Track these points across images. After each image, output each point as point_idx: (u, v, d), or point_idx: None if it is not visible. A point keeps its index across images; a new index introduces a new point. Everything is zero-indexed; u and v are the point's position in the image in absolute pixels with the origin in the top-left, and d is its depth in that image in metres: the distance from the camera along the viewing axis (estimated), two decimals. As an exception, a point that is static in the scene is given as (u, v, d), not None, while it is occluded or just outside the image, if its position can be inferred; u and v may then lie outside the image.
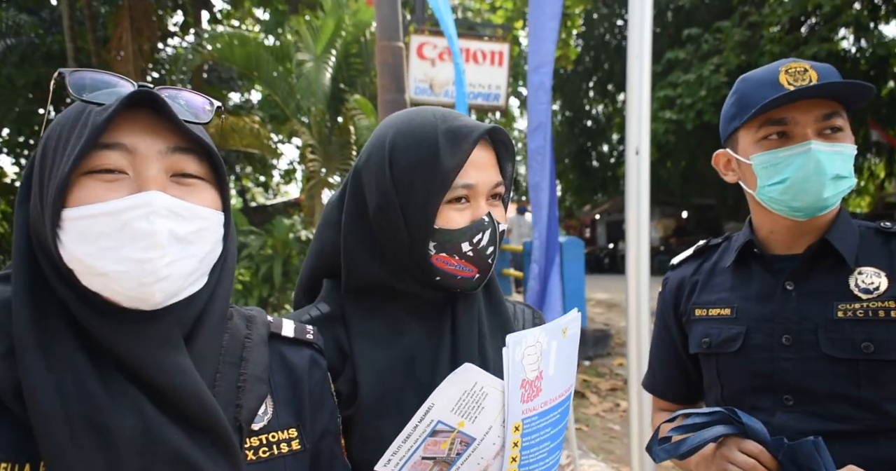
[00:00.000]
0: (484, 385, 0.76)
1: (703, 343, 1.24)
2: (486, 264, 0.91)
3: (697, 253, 1.38)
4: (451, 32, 3.80)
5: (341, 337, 0.93)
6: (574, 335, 0.85)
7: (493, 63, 7.18)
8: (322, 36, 7.09)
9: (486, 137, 0.91)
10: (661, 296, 1.40)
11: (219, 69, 12.89)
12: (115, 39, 9.46)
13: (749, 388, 1.17)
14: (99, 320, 0.63)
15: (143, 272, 0.61)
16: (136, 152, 0.64)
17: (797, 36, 12.60)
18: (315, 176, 7.48)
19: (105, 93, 0.65)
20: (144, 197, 0.62)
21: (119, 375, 0.62)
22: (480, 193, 0.90)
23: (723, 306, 1.24)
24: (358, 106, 6.75)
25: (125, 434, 0.59)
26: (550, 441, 0.84)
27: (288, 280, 7.47)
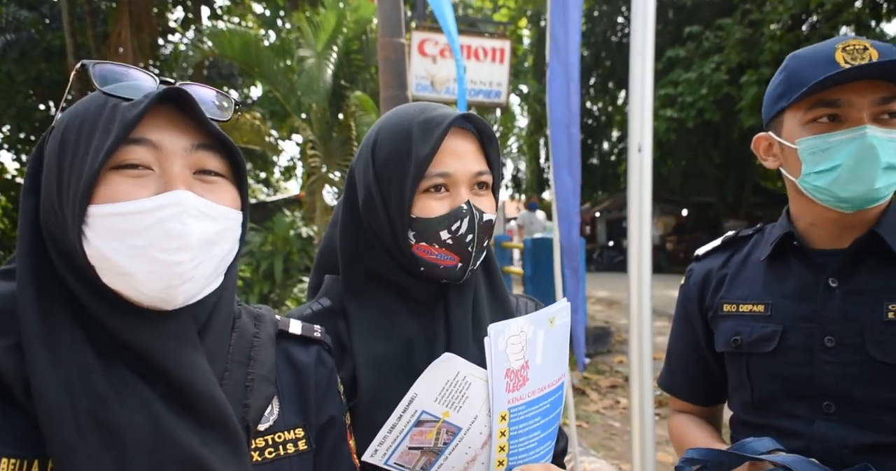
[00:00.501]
0: (467, 375, 0.76)
1: (733, 342, 1.15)
2: (466, 252, 0.90)
3: (726, 244, 1.28)
4: (450, 30, 3.80)
5: (342, 331, 0.95)
6: (563, 325, 0.84)
7: (495, 60, 7.17)
8: (323, 32, 7.08)
9: (465, 125, 0.91)
10: (684, 288, 1.31)
11: (219, 65, 12.86)
12: (114, 35, 9.45)
13: (784, 392, 1.08)
14: (115, 317, 0.62)
15: (171, 274, 0.61)
16: (161, 148, 0.63)
17: (798, 34, 12.58)
18: (316, 172, 7.47)
19: (126, 86, 0.64)
20: (175, 196, 0.61)
21: (128, 371, 0.61)
22: (459, 181, 0.90)
23: (755, 302, 1.14)
24: (359, 102, 6.74)
25: (133, 432, 0.59)
26: (541, 431, 0.83)
27: (288, 277, 7.47)
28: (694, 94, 12.55)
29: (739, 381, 1.16)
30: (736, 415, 1.21)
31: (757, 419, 1.13)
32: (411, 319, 0.94)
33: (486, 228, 0.92)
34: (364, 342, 0.92)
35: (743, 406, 1.17)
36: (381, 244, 0.94)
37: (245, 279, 6.90)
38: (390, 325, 0.93)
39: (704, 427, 1.26)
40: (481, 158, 0.93)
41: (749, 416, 1.15)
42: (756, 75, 11.78)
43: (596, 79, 21.05)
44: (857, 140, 0.99)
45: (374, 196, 0.92)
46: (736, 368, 1.17)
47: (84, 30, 10.75)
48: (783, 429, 1.07)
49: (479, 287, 0.99)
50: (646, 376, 1.92)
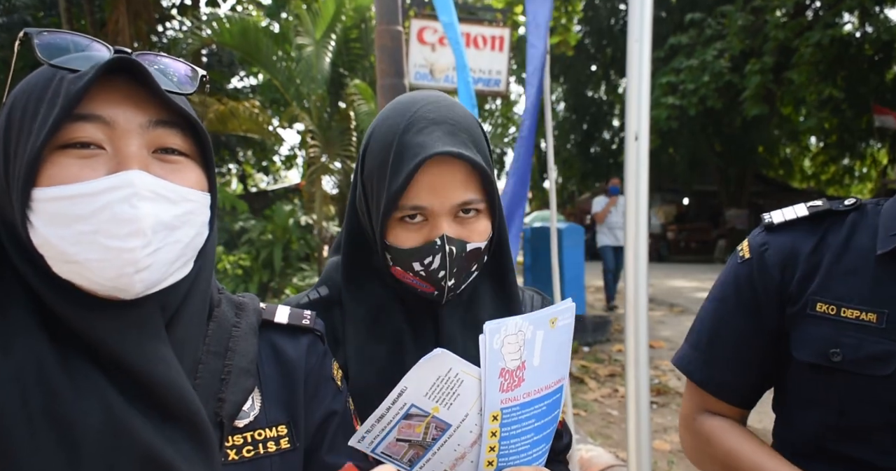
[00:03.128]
0: (459, 372, 0.74)
1: (832, 354, 0.91)
2: (440, 286, 0.86)
3: (816, 218, 0.99)
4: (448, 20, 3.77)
5: (337, 322, 0.93)
6: (566, 326, 0.80)
7: (494, 48, 7.11)
8: (322, 20, 7.02)
9: (450, 153, 0.81)
10: (749, 266, 1.01)
11: (219, 53, 12.78)
12: (111, 23, 9.36)
13: (888, 424, 0.88)
14: (71, 309, 0.57)
15: (123, 262, 0.56)
16: (114, 125, 0.57)
17: (802, 21, 12.46)
18: (316, 162, 7.45)
19: (78, 57, 0.59)
20: (126, 177, 0.56)
21: (88, 365, 0.57)
22: (437, 213, 0.84)
23: (866, 309, 0.90)
24: (358, 91, 6.70)
25: (89, 429, 0.55)
26: (534, 433, 0.81)
27: (288, 265, 7.48)
28: (696, 81, 12.45)
29: (822, 399, 0.94)
30: (806, 438, 0.98)
31: (843, 449, 0.92)
32: (404, 316, 0.93)
33: (470, 257, 0.87)
34: (356, 336, 0.90)
35: (823, 430, 0.95)
36: (369, 239, 0.93)
37: (245, 268, 6.91)
38: (384, 321, 0.91)
39: (762, 444, 1.02)
40: (469, 186, 0.85)
41: (830, 443, 0.94)
42: (759, 64, 11.69)
43: (597, 67, 20.91)
44: None
45: (362, 202, 0.90)
46: (821, 384, 0.94)
47: (81, 16, 10.67)
48: (880, 468, 0.87)
49: (482, 289, 0.96)
50: (642, 364, 1.92)
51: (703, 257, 20.92)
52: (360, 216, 0.94)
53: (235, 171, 18.10)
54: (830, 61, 12.40)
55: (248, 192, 17.19)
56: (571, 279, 6.69)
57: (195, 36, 7.33)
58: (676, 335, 6.68)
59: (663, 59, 13.63)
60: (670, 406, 4.56)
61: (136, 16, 9.78)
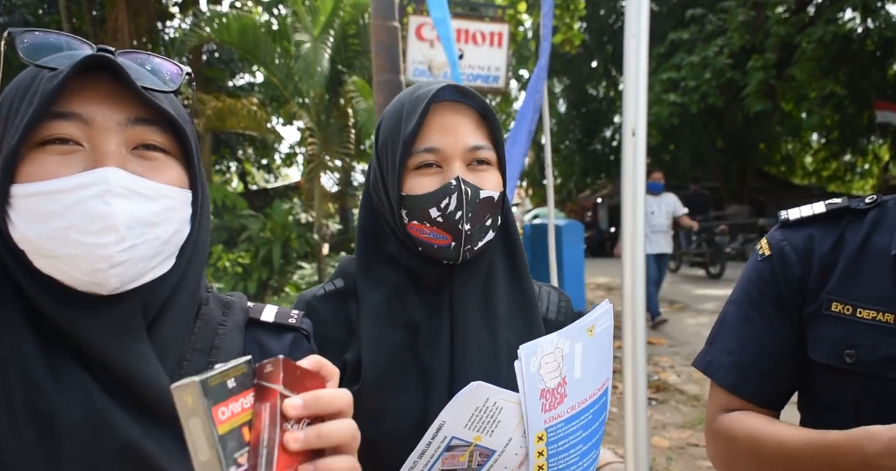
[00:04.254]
0: (497, 400, 0.72)
1: (847, 356, 0.89)
2: (457, 231, 0.87)
3: (833, 216, 0.97)
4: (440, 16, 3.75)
5: (352, 313, 0.94)
6: (605, 331, 0.78)
7: (493, 44, 7.08)
8: (320, 16, 7.00)
9: (459, 99, 0.88)
10: (769, 263, 0.99)
11: (219, 51, 12.77)
12: (111, 20, 9.35)
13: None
14: (54, 304, 0.59)
15: (96, 258, 0.57)
16: (92, 123, 0.58)
17: (803, 17, 12.42)
18: (315, 159, 7.44)
19: (60, 56, 0.60)
20: (100, 174, 0.57)
21: (71, 361, 0.58)
22: (451, 157, 0.87)
23: (883, 309, 0.88)
24: (356, 88, 6.69)
25: (69, 422, 0.56)
26: (583, 444, 0.79)
27: (287, 262, 7.48)
28: (697, 78, 12.42)
29: (837, 401, 0.92)
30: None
31: None
32: (420, 303, 0.92)
33: (484, 206, 0.88)
34: (370, 325, 0.90)
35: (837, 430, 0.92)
36: (388, 226, 0.94)
37: (244, 266, 6.91)
38: (398, 308, 0.91)
39: (783, 422, 0.98)
40: (479, 132, 0.89)
41: None
42: (761, 60, 11.66)
43: (598, 63, 20.86)
44: None
45: (377, 177, 0.93)
46: (838, 386, 0.92)
47: (81, 14, 10.66)
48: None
49: (496, 275, 0.95)
50: (639, 361, 1.91)
51: (704, 254, 20.87)
52: (374, 204, 0.96)
53: (235, 169, 18.10)
54: (832, 57, 12.35)
55: (248, 189, 17.19)
56: (571, 276, 6.68)
57: (195, 33, 7.31)
58: (677, 332, 6.67)
59: (664, 55, 13.59)
60: (669, 403, 4.56)
61: (135, 13, 9.78)
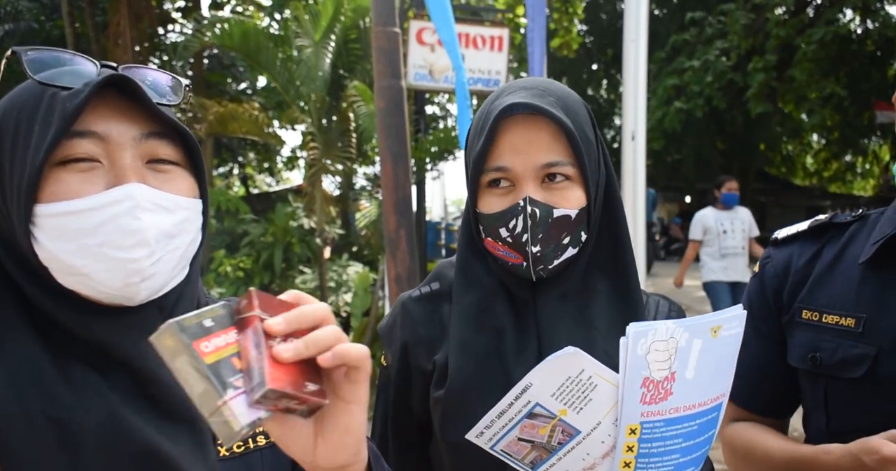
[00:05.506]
0: (592, 374, 0.68)
1: (811, 359, 0.96)
2: (526, 252, 0.84)
3: (816, 232, 1.04)
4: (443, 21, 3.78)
5: (445, 314, 0.95)
6: (732, 337, 0.72)
7: (493, 48, 7.11)
8: (321, 21, 7.03)
9: (535, 111, 0.82)
10: (758, 280, 1.09)
11: (221, 55, 12.82)
12: (113, 25, 9.40)
13: (870, 428, 0.87)
14: (72, 315, 0.60)
15: (129, 272, 0.58)
16: (109, 140, 0.60)
17: (803, 18, 12.43)
18: (316, 163, 7.46)
19: (64, 72, 0.61)
20: (127, 190, 0.58)
21: (83, 369, 0.59)
22: (521, 176, 0.84)
23: (845, 314, 0.93)
24: (358, 92, 6.71)
25: (88, 428, 0.57)
26: (681, 455, 0.72)
27: (289, 267, 7.50)
28: (700, 82, 12.44)
29: (814, 404, 0.98)
30: (810, 441, 1.03)
31: None
32: (507, 308, 0.91)
33: (558, 225, 0.84)
34: (459, 327, 0.90)
35: (818, 434, 0.98)
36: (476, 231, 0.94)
37: (245, 270, 6.93)
38: (488, 312, 0.91)
39: (777, 433, 1.05)
40: (555, 147, 0.84)
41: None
42: (762, 62, 11.68)
43: (598, 65, 20.89)
44: None
45: (466, 184, 0.93)
46: (810, 388, 0.98)
47: (83, 19, 10.72)
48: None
49: (595, 285, 0.92)
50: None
51: (706, 256, 20.82)
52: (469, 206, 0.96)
53: (238, 173, 18.14)
54: (832, 58, 12.37)
55: (249, 193, 17.23)
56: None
57: (197, 39, 7.35)
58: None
59: (666, 60, 13.62)
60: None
61: (137, 19, 9.82)
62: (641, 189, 2.66)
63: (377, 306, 7.68)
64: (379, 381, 1.02)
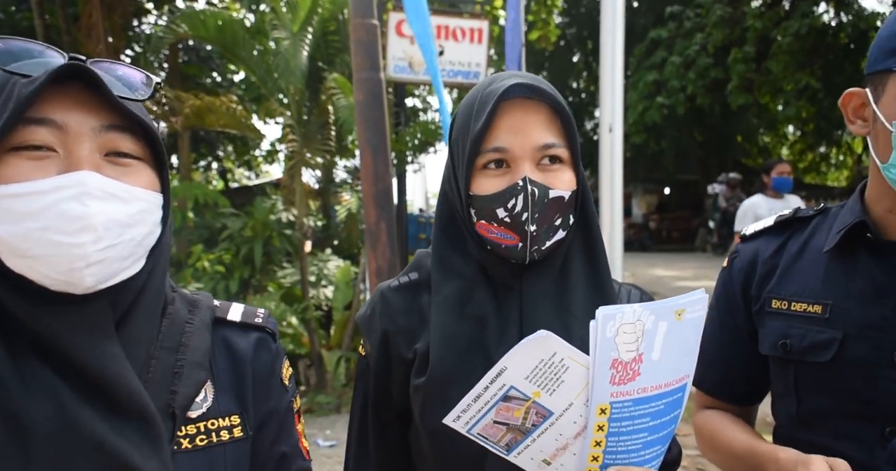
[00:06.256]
0: (564, 357, 0.70)
1: (781, 346, 0.99)
2: (524, 232, 0.86)
3: (781, 226, 1.09)
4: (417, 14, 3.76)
5: (425, 303, 0.96)
6: (695, 319, 0.74)
7: (473, 41, 7.10)
8: (298, 13, 6.95)
9: (530, 95, 0.86)
10: (726, 273, 1.13)
11: (197, 48, 12.61)
12: (85, 17, 9.19)
13: (838, 411, 0.93)
14: (23, 303, 0.60)
15: (73, 257, 0.59)
16: (66, 129, 0.60)
17: (779, 11, 12.59)
18: (296, 156, 7.39)
19: (32, 63, 0.61)
20: (77, 177, 0.59)
21: (36, 361, 0.60)
22: (520, 156, 0.86)
23: (812, 301, 0.97)
24: (337, 85, 6.66)
25: (38, 421, 0.57)
26: (649, 433, 0.75)
27: (270, 261, 7.44)
28: (681, 78, 12.57)
29: (784, 389, 1.02)
30: (781, 428, 1.07)
31: (804, 436, 0.99)
32: (490, 297, 0.92)
33: (553, 205, 0.86)
34: (440, 316, 0.91)
35: (788, 419, 1.02)
36: (460, 220, 0.95)
37: (225, 264, 6.86)
38: (469, 301, 0.92)
39: (741, 424, 1.11)
40: (551, 129, 0.87)
41: (795, 431, 1.02)
42: (741, 54, 11.82)
43: (579, 57, 20.97)
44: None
45: (450, 172, 0.94)
46: (781, 375, 1.02)
47: (54, 11, 10.46)
48: (836, 452, 0.90)
49: (572, 272, 0.94)
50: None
51: (685, 246, 21.11)
52: (448, 198, 0.97)
53: (216, 167, 17.91)
54: (807, 51, 12.55)
55: (228, 187, 17.03)
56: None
57: (172, 31, 7.21)
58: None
59: (645, 54, 13.72)
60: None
61: (110, 10, 9.61)
62: (619, 180, 2.68)
63: (358, 300, 7.67)
64: (357, 369, 1.03)
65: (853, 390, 0.91)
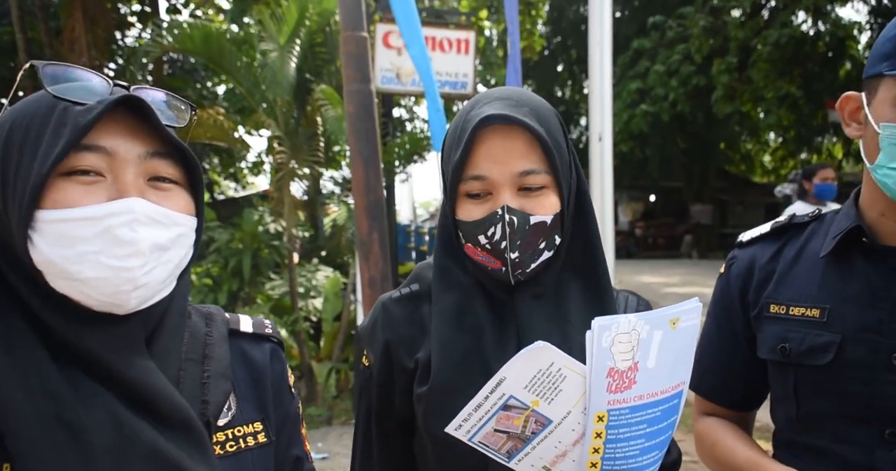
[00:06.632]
0: (561, 367, 0.72)
1: (780, 350, 1.00)
2: (505, 258, 0.87)
3: (777, 232, 1.11)
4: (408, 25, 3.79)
5: (425, 314, 0.97)
6: (690, 328, 0.76)
7: (460, 51, 7.15)
8: (286, 25, 6.97)
9: (510, 121, 0.85)
10: (724, 279, 1.15)
11: (181, 61, 12.58)
12: (67, 31, 9.14)
13: (837, 414, 0.94)
14: (64, 322, 0.62)
15: (122, 280, 0.62)
16: (115, 156, 0.63)
17: (759, 21, 12.84)
18: (283, 167, 7.38)
19: (77, 88, 0.63)
20: (126, 203, 0.62)
21: (82, 375, 0.62)
22: (499, 184, 0.87)
23: (809, 305, 0.99)
24: (325, 96, 6.67)
25: (97, 431, 0.59)
26: (646, 439, 0.77)
27: (258, 273, 7.39)
28: (664, 86, 12.74)
29: (784, 393, 1.03)
30: (780, 432, 1.09)
31: (804, 439, 1.01)
32: (486, 307, 0.94)
33: (535, 231, 0.87)
34: (440, 327, 0.93)
35: (788, 423, 1.04)
36: (455, 238, 0.96)
37: (214, 277, 6.81)
38: (468, 311, 0.93)
39: (742, 436, 1.12)
40: (530, 155, 0.87)
41: (795, 434, 1.03)
42: (725, 64, 12.02)
43: (563, 66, 21.19)
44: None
45: (443, 191, 0.95)
46: (781, 378, 1.03)
47: (35, 25, 10.38)
48: (836, 455, 0.94)
49: (569, 283, 0.95)
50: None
51: (670, 253, 21.30)
52: (446, 212, 0.98)
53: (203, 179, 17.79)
54: (787, 59, 12.80)
55: (214, 199, 16.93)
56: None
57: (157, 44, 7.19)
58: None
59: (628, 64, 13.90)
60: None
61: (93, 23, 9.56)
62: (609, 189, 2.72)
63: (349, 310, 7.63)
64: (360, 379, 1.04)
65: (852, 392, 0.92)
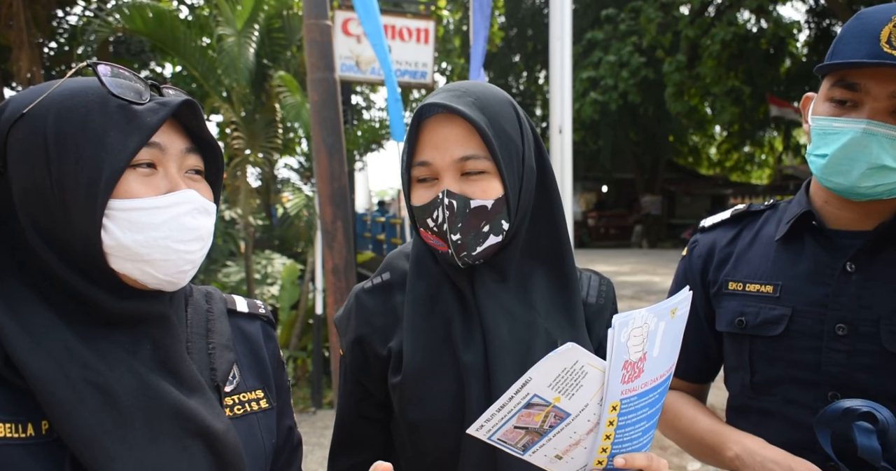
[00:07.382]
0: (584, 364, 0.74)
1: (737, 323, 1.11)
2: (448, 241, 0.91)
3: (736, 218, 1.22)
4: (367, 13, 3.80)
5: (398, 303, 1.01)
6: (683, 315, 0.81)
7: (419, 40, 7.16)
8: (243, 10, 6.82)
9: (452, 111, 0.89)
10: (686, 260, 1.25)
11: (128, 41, 12.10)
12: (3, 7, 8.67)
13: (787, 378, 1.05)
14: (109, 297, 0.68)
15: (184, 261, 0.71)
16: (165, 150, 0.71)
17: (706, 19, 13.27)
18: (239, 154, 7.26)
19: (128, 87, 0.70)
20: (186, 195, 0.71)
21: (108, 344, 0.68)
22: (442, 169, 0.90)
23: (764, 282, 1.10)
24: (283, 83, 6.58)
25: (126, 392, 0.66)
26: (646, 421, 0.82)
27: (212, 261, 7.29)
28: (615, 76, 13.02)
29: (739, 363, 1.12)
30: (734, 398, 1.18)
31: (757, 404, 1.11)
32: (453, 296, 0.97)
33: (476, 214, 0.90)
34: (412, 315, 0.97)
35: (742, 389, 1.13)
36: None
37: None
38: (436, 300, 0.97)
39: (702, 407, 1.22)
40: (470, 142, 0.90)
41: (748, 400, 1.13)
42: (675, 63, 12.39)
43: (520, 58, 21.36)
44: (852, 133, 0.93)
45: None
46: (736, 349, 1.13)
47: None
48: (785, 416, 1.05)
49: (532, 268, 0.98)
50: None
51: (621, 242, 21.91)
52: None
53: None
54: (732, 56, 13.29)
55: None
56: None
57: (106, 25, 6.92)
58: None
59: (582, 54, 14.14)
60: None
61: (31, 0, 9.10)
62: (569, 180, 2.84)
63: (306, 298, 7.60)
64: (341, 366, 1.10)
65: (801, 360, 1.03)
